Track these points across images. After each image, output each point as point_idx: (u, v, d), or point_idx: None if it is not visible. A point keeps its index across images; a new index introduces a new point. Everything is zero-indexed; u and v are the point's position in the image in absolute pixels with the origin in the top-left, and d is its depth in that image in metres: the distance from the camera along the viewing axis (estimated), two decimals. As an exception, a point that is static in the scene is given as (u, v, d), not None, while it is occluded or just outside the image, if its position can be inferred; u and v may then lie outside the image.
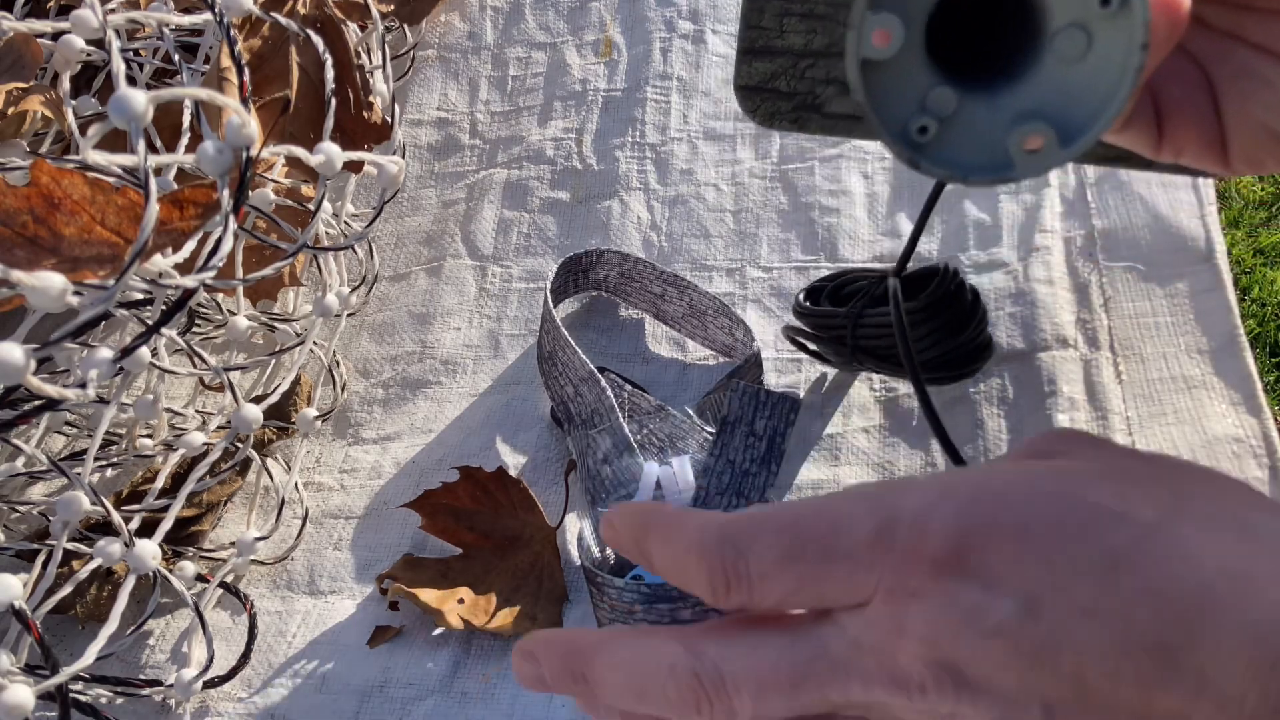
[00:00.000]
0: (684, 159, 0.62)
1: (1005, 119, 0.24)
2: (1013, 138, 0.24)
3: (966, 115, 0.24)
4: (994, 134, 0.24)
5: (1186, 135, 0.27)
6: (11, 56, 0.48)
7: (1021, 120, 0.24)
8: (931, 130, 0.24)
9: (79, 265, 0.37)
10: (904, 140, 0.24)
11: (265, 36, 0.54)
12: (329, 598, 0.50)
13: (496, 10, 0.73)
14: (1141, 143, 0.27)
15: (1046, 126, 0.23)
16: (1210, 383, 0.44)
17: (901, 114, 0.24)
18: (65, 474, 0.45)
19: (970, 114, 0.24)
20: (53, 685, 0.38)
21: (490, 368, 0.57)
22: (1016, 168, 0.24)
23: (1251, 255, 1.22)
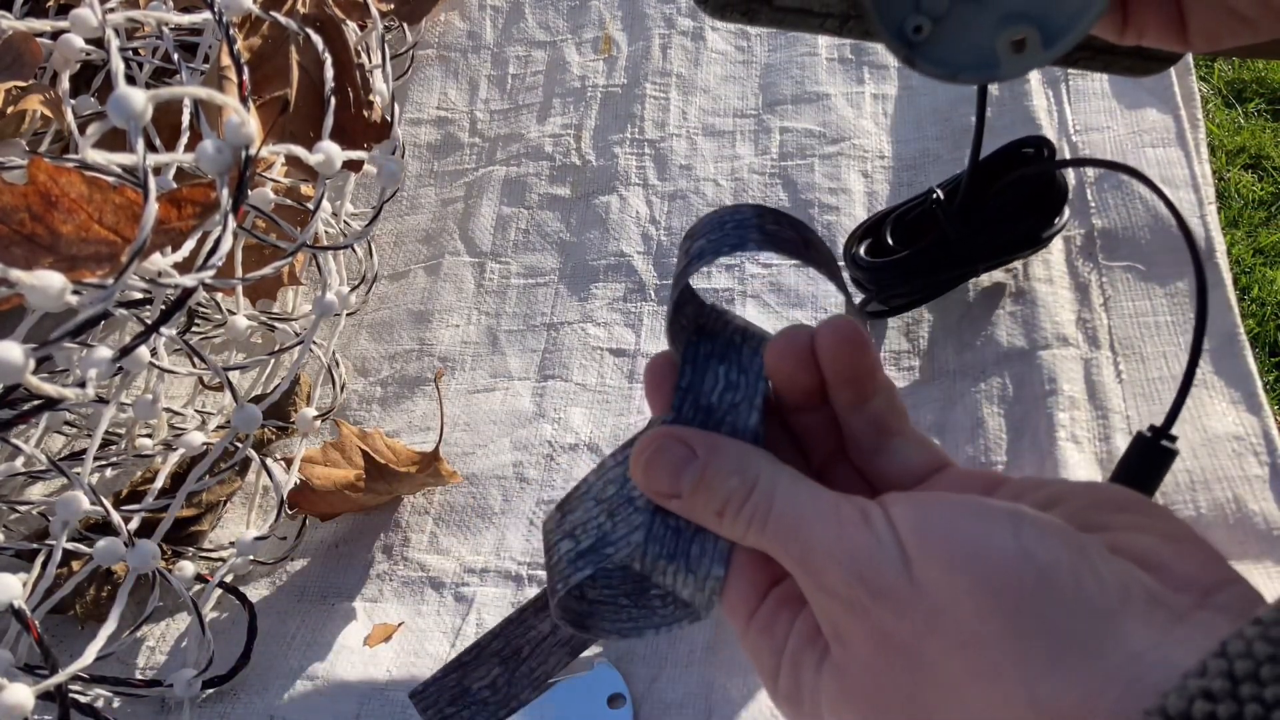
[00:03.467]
0: (683, 155, 0.62)
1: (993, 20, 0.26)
2: (999, 37, 0.25)
3: (958, 16, 0.26)
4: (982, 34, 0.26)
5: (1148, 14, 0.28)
6: (11, 55, 0.48)
7: (1008, 21, 0.25)
8: (926, 29, 0.26)
9: (77, 264, 0.37)
10: (900, 38, 0.26)
11: (265, 35, 0.54)
12: (329, 598, 0.50)
13: (496, 9, 0.73)
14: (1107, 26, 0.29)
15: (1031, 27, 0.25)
16: (1210, 381, 0.44)
17: (899, 12, 0.26)
18: (65, 474, 0.45)
19: (961, 14, 0.26)
20: (52, 685, 0.38)
21: (489, 364, 0.57)
22: (1002, 67, 0.26)
23: (1251, 255, 1.22)
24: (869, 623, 0.22)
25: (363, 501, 0.51)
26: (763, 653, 0.26)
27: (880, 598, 0.22)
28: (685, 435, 0.26)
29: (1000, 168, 0.47)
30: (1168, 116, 0.53)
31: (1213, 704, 0.18)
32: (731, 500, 0.25)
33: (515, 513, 0.51)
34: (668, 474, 0.25)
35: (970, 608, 0.21)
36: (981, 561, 0.21)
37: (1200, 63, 1.37)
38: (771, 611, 0.26)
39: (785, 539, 0.24)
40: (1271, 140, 1.32)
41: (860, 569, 0.22)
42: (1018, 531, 0.21)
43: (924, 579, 0.21)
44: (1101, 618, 0.20)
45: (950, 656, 0.21)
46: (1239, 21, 0.27)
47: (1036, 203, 0.47)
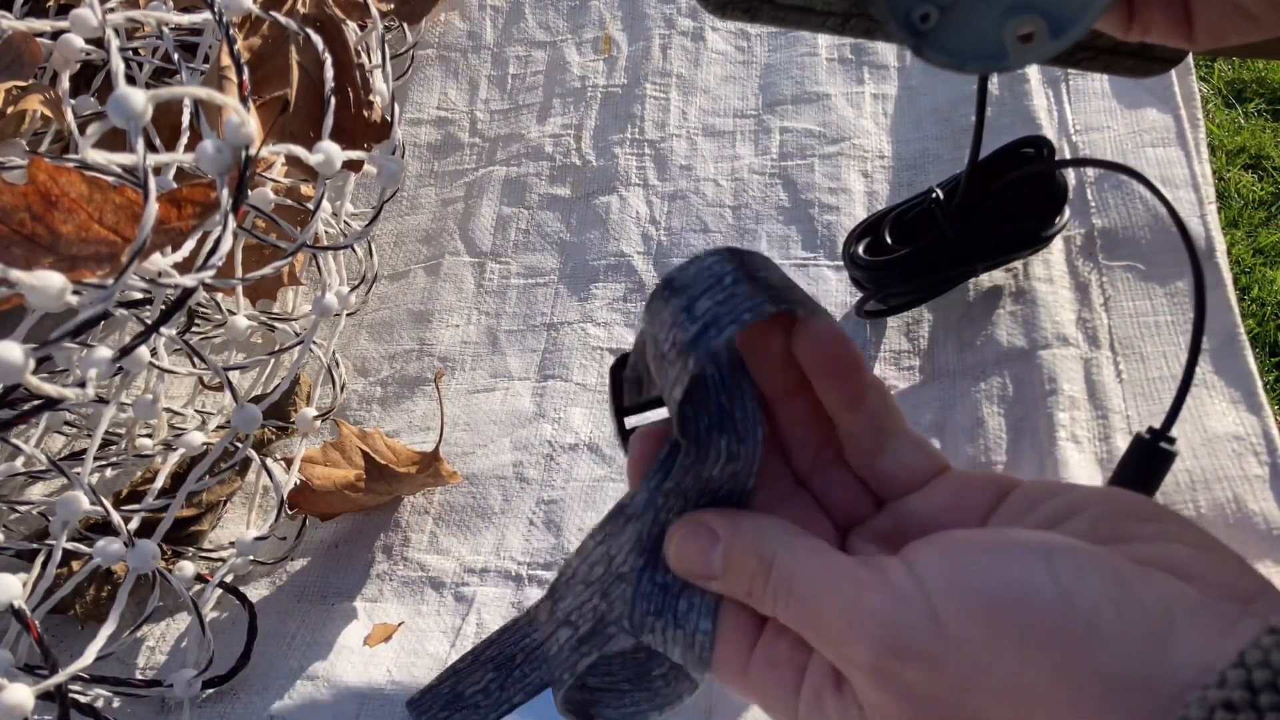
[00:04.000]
0: (683, 155, 0.62)
1: (1000, 10, 0.25)
2: (1007, 27, 0.25)
3: (965, 5, 0.26)
4: (990, 24, 0.26)
5: (1153, 10, 0.28)
6: (11, 55, 0.48)
7: (1016, 11, 0.25)
8: (933, 18, 0.26)
9: (77, 264, 0.37)
10: (908, 27, 0.26)
11: (265, 35, 0.54)
12: (329, 598, 0.50)
13: (496, 9, 0.73)
14: (1112, 22, 0.29)
15: (1039, 18, 0.25)
16: (1210, 381, 0.44)
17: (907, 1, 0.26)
18: (65, 474, 0.45)
19: (969, 4, 0.26)
20: (52, 685, 0.38)
21: (489, 364, 0.57)
22: (1010, 57, 0.26)
23: (1251, 255, 1.22)
24: (900, 686, 0.22)
25: (363, 501, 0.51)
26: (771, 689, 0.25)
27: (911, 661, 0.21)
28: (705, 518, 0.26)
29: (1000, 167, 0.47)
30: (1168, 116, 0.53)
31: (1233, 714, 0.18)
32: (755, 581, 0.25)
33: (515, 513, 0.51)
34: (698, 559, 0.26)
35: (1016, 660, 0.20)
36: (1023, 610, 0.21)
37: (1200, 63, 1.37)
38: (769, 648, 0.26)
39: (808, 615, 0.24)
40: (1271, 140, 1.32)
41: (886, 635, 0.22)
42: (1053, 570, 0.21)
43: (960, 635, 0.21)
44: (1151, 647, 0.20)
45: (995, 705, 0.21)
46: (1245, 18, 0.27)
47: (1036, 202, 0.47)
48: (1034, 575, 0.21)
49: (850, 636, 0.22)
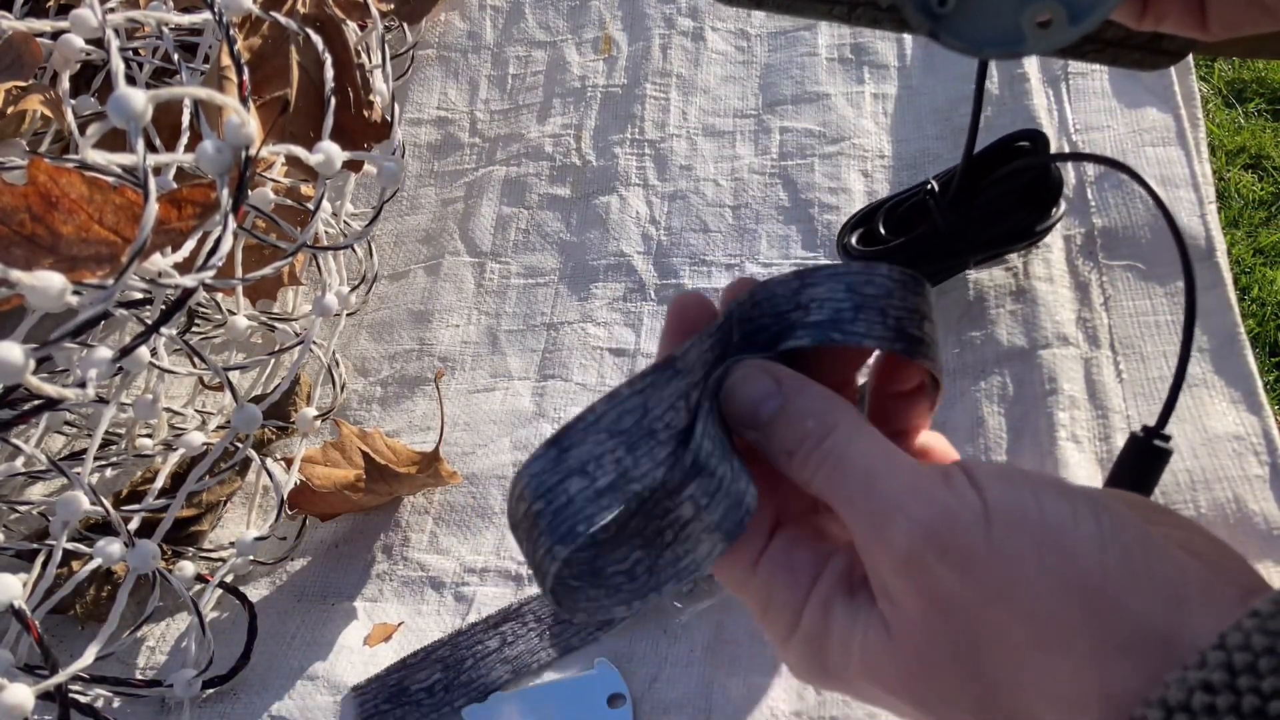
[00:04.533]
0: (683, 155, 0.62)
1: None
2: (1025, 13, 0.25)
3: None
4: (1007, 9, 0.25)
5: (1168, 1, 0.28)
6: (11, 56, 0.48)
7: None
8: (950, 3, 0.25)
9: (77, 264, 0.37)
10: (925, 11, 0.26)
11: (265, 35, 0.54)
12: (329, 598, 0.50)
13: (496, 9, 0.73)
14: (1126, 11, 0.29)
15: (1057, 4, 0.25)
16: (1210, 381, 0.44)
17: None
18: (65, 474, 0.45)
19: None
20: (52, 685, 0.38)
21: (489, 364, 0.57)
22: (1027, 43, 0.25)
23: (1251, 255, 1.22)
24: (928, 582, 0.22)
25: (363, 502, 0.51)
26: (777, 589, 0.25)
27: (948, 556, 0.22)
28: (773, 369, 0.26)
29: (995, 161, 0.47)
30: (1168, 116, 0.53)
31: (1211, 695, 0.18)
32: (806, 441, 0.24)
33: (515, 513, 0.50)
34: (750, 403, 0.25)
35: (1051, 583, 0.21)
36: (1068, 541, 0.21)
37: (1200, 63, 1.37)
38: (786, 549, 0.26)
39: (854, 487, 0.23)
40: (1271, 140, 1.32)
41: (933, 525, 0.22)
42: (1099, 517, 0.22)
43: (1004, 547, 0.21)
44: (1172, 606, 0.21)
45: (1016, 625, 0.21)
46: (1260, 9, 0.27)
47: (1030, 196, 0.47)
48: (1083, 516, 0.22)
49: (896, 518, 0.22)
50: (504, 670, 0.44)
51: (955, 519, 0.22)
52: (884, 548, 0.23)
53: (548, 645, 0.44)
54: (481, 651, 0.45)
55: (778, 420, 0.25)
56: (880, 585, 0.23)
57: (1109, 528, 0.21)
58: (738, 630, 0.44)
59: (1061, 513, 0.22)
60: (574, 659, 0.44)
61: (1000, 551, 0.21)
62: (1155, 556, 0.21)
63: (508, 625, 0.45)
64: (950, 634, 0.22)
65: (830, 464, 0.24)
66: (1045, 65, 0.58)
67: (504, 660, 0.44)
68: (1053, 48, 0.25)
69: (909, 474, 0.23)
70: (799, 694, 0.41)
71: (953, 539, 0.22)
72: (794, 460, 0.25)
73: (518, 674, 0.44)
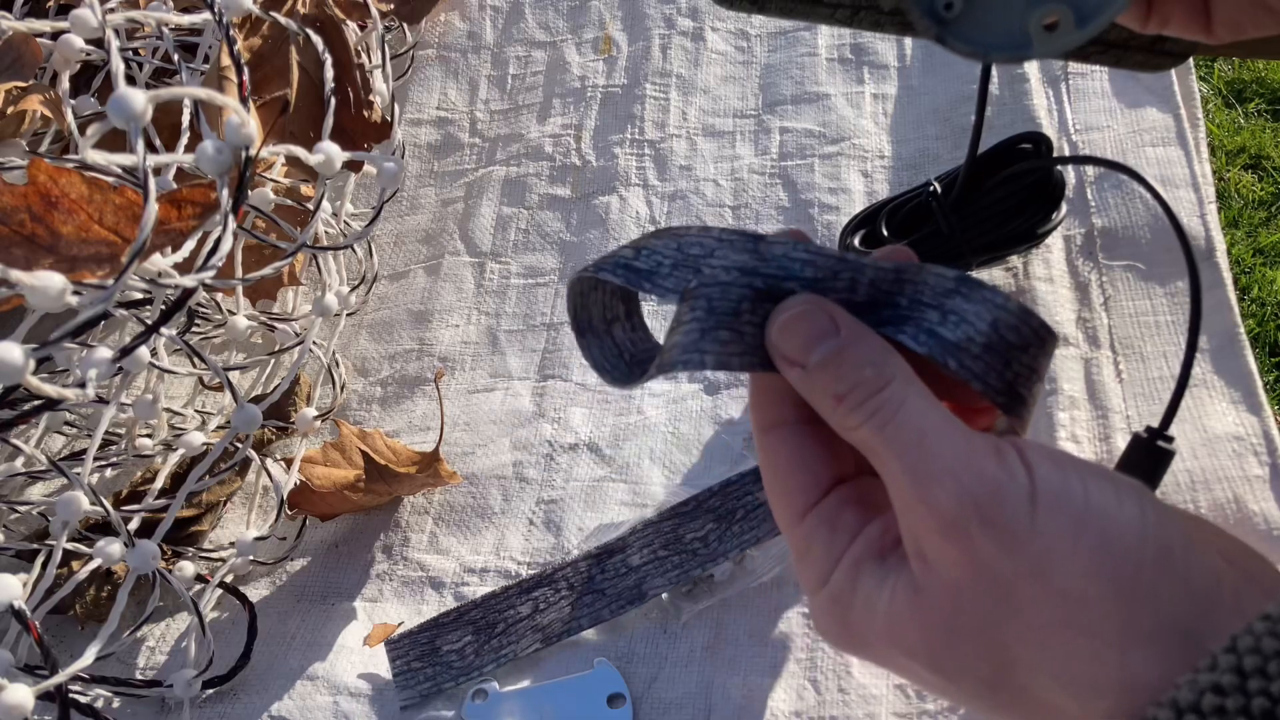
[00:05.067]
0: (683, 155, 0.62)
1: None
2: (1032, 17, 0.25)
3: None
4: (1014, 13, 0.25)
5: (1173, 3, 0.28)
6: (11, 56, 0.48)
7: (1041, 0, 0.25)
8: (957, 7, 0.25)
9: (77, 264, 0.37)
10: (931, 16, 0.25)
11: (265, 36, 0.54)
12: (329, 598, 0.50)
13: (496, 9, 0.73)
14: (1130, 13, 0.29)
15: (1064, 6, 0.25)
16: (1210, 381, 0.44)
17: None
18: (65, 474, 0.45)
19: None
20: (52, 685, 0.38)
21: (489, 364, 0.57)
22: (1035, 46, 0.25)
23: (1251, 255, 1.22)
24: (966, 548, 0.22)
25: (363, 502, 0.51)
26: (816, 544, 0.25)
27: (991, 527, 0.22)
28: (833, 309, 0.25)
29: (997, 163, 0.47)
30: (1168, 116, 0.53)
31: (1221, 698, 0.18)
32: (859, 388, 0.24)
33: (515, 513, 0.51)
34: (802, 340, 0.24)
35: (1086, 564, 0.21)
36: (1109, 526, 0.21)
37: (1200, 63, 1.37)
38: (834, 507, 0.25)
39: (904, 443, 0.23)
40: (1271, 140, 1.32)
41: (979, 493, 0.22)
42: (1144, 508, 0.22)
43: (1046, 525, 0.21)
44: (1201, 604, 0.21)
45: (1047, 602, 0.21)
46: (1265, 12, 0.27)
47: (1033, 198, 0.47)
48: (1126, 503, 0.22)
49: (944, 480, 0.22)
50: (534, 638, 0.45)
51: (1003, 492, 0.22)
52: (929, 508, 0.22)
53: (580, 615, 0.44)
54: (513, 617, 0.45)
55: (831, 362, 0.24)
56: (916, 545, 0.23)
57: (1152, 520, 0.21)
58: (738, 630, 0.44)
59: (1106, 498, 0.22)
60: (574, 659, 0.44)
61: (1041, 528, 0.21)
62: (1194, 556, 0.21)
63: (540, 591, 0.45)
64: (980, 603, 0.22)
65: (883, 415, 0.23)
66: (1045, 65, 0.58)
67: (535, 628, 0.45)
68: (1060, 50, 0.25)
69: (962, 439, 0.23)
70: (799, 694, 0.41)
71: (998, 512, 0.22)
72: (842, 405, 0.24)
73: (547, 642, 0.44)
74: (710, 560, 0.43)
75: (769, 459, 0.27)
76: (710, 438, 0.50)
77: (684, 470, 0.50)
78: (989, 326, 0.24)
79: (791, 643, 0.43)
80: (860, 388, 0.24)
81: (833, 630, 0.25)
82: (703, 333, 0.25)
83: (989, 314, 0.24)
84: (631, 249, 0.26)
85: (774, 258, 0.25)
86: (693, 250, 0.25)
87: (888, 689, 0.41)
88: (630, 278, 0.25)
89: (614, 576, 0.44)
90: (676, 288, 0.25)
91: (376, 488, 0.50)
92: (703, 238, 0.25)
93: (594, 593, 0.45)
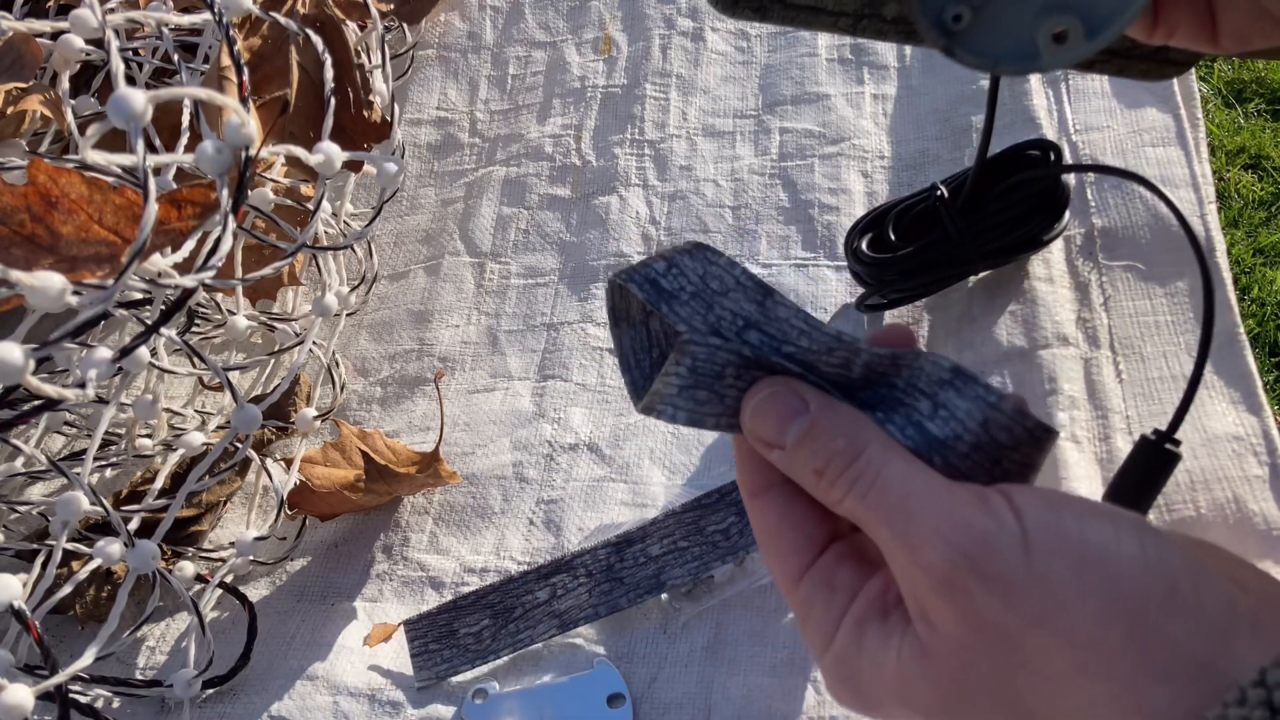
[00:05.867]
0: (683, 155, 0.62)
1: (1034, 10, 0.25)
2: (1041, 28, 0.25)
3: (998, 5, 0.25)
4: (1023, 24, 0.25)
5: (1179, 13, 0.28)
6: (11, 56, 0.48)
7: (1050, 11, 0.25)
8: (965, 18, 0.25)
9: (77, 264, 0.37)
10: (939, 27, 0.25)
11: (265, 36, 0.54)
12: (329, 598, 0.50)
13: (496, 9, 0.73)
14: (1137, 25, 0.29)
15: (1074, 18, 0.25)
16: (1210, 381, 0.44)
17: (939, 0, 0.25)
18: (64, 474, 0.45)
19: (1002, 3, 0.25)
20: (52, 685, 0.38)
21: (489, 364, 0.57)
22: (1044, 58, 0.25)
23: (1251, 255, 1.22)
24: (966, 605, 0.22)
25: (362, 502, 0.51)
26: (816, 606, 0.25)
27: (989, 582, 0.21)
28: (800, 388, 0.25)
29: (1005, 168, 0.47)
30: (1168, 116, 0.53)
31: None
32: (835, 460, 0.24)
33: (515, 513, 0.51)
34: (775, 422, 0.25)
35: (1093, 609, 0.21)
36: (1111, 565, 0.21)
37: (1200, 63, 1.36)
38: (830, 566, 0.25)
39: (887, 509, 0.23)
40: (1271, 140, 1.32)
41: (972, 550, 0.21)
42: (1143, 540, 0.21)
43: (1046, 572, 0.21)
44: (1217, 635, 0.20)
45: (1057, 651, 0.21)
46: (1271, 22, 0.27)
47: (1040, 205, 0.47)
48: (1125, 539, 0.21)
49: (933, 541, 0.22)
50: (551, 624, 0.45)
51: (993, 542, 0.21)
52: (922, 571, 0.22)
53: (597, 603, 0.44)
54: (531, 602, 0.45)
55: (805, 439, 0.24)
56: (917, 607, 0.23)
57: (1154, 552, 0.21)
58: (738, 630, 0.44)
59: (1104, 535, 0.21)
60: (574, 659, 0.44)
61: (1040, 575, 0.21)
62: (1205, 585, 0.21)
63: (559, 577, 0.45)
64: (989, 658, 0.22)
65: (863, 484, 0.24)
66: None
67: (552, 614, 0.45)
68: (1070, 62, 0.25)
69: (945, 496, 0.23)
70: (799, 694, 0.41)
71: (991, 563, 0.21)
72: (822, 480, 0.24)
73: (564, 628, 0.44)
74: (730, 553, 0.43)
75: (760, 523, 0.27)
76: (710, 438, 0.50)
77: (684, 470, 0.50)
78: (979, 426, 0.24)
79: (791, 643, 0.43)
80: (836, 459, 0.24)
81: (843, 692, 0.25)
82: (680, 389, 0.25)
83: (980, 413, 0.24)
84: (664, 262, 0.26)
85: (776, 318, 0.25)
86: (712, 284, 0.26)
87: (888, 689, 0.41)
88: (652, 295, 0.26)
89: (633, 565, 0.45)
90: (688, 319, 0.25)
91: (376, 488, 0.50)
92: (725, 273, 0.26)
93: (612, 580, 0.45)
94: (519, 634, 0.45)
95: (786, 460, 0.25)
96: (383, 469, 0.49)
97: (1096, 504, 0.23)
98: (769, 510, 0.26)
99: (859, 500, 0.24)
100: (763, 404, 0.25)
